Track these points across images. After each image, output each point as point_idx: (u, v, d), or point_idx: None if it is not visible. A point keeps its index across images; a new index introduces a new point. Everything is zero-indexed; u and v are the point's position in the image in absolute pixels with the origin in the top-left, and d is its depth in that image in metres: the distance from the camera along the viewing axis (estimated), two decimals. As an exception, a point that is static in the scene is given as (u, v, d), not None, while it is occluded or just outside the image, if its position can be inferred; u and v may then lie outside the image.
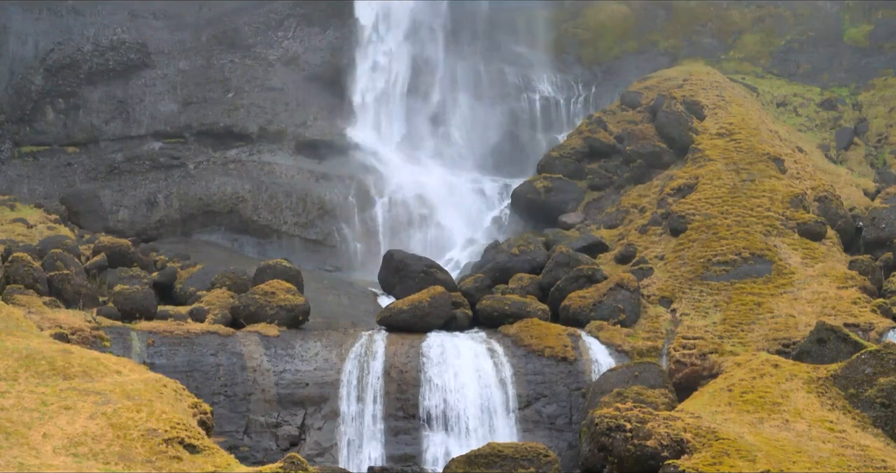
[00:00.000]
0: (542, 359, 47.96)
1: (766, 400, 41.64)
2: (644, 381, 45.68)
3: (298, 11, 73.09)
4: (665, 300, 52.44)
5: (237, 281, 51.68)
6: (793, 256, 53.73)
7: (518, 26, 78.71)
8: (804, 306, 50.46)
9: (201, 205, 67.10)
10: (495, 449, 39.89)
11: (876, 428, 40.59)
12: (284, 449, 45.09)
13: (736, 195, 57.33)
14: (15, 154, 67.91)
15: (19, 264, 48.06)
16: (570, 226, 62.10)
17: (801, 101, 73.95)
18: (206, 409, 37.04)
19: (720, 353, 48.08)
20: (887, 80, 74.46)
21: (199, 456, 32.60)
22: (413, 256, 55.49)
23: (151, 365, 44.43)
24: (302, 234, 67.14)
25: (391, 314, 49.83)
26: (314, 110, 71.14)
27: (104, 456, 31.38)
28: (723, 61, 77.28)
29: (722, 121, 63.61)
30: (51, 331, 43.24)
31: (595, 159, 66.34)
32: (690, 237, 55.48)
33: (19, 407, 32.89)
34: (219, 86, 70.71)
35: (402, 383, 46.88)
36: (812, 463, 37.70)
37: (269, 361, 46.93)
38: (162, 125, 69.53)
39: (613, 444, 38.57)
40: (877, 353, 42.08)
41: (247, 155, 69.22)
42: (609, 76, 77.78)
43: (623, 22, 79.74)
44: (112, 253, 53.53)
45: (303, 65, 72.28)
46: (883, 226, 55.89)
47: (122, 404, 33.85)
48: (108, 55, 69.80)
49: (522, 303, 50.89)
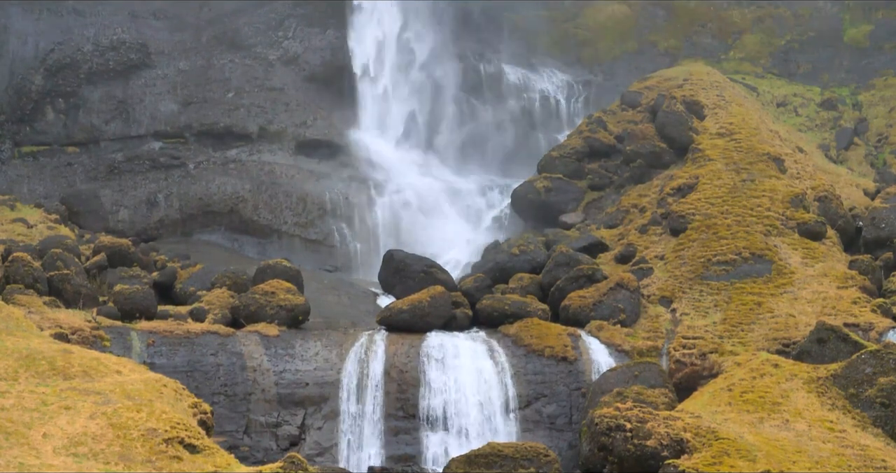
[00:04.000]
0: (542, 359, 47.94)
1: (766, 400, 41.64)
2: (644, 381, 45.67)
3: (298, 11, 73.07)
4: (665, 300, 52.42)
5: (237, 281, 51.66)
6: (793, 256, 53.72)
7: (518, 26, 78.71)
8: (804, 306, 50.44)
9: (201, 205, 67.08)
10: (495, 449, 39.90)
11: (876, 428, 40.59)
12: (284, 449, 45.07)
13: (736, 195, 57.30)
14: (15, 154, 67.90)
15: (19, 264, 48.04)
16: (570, 225, 62.09)
17: (801, 101, 73.96)
18: (206, 409, 37.02)
19: (720, 353, 48.07)
20: (887, 80, 74.47)
21: (200, 456, 32.60)
22: (413, 256, 55.45)
23: (151, 364, 44.39)
24: (302, 234, 67.11)
25: (391, 314, 49.80)
26: (314, 110, 71.10)
27: (104, 456, 31.37)
28: (723, 61, 77.29)
29: (722, 121, 63.59)
30: (51, 331, 43.21)
31: (595, 159, 66.32)
32: (690, 237, 55.47)
33: (19, 407, 32.87)
34: (219, 86, 70.69)
35: (402, 383, 46.86)
36: (812, 463, 37.70)
37: (269, 361, 46.91)
38: (162, 125, 69.51)
39: (613, 444, 38.57)
40: (877, 353, 42.08)
41: (247, 155, 69.20)
42: (609, 76, 77.80)
43: (623, 22, 79.75)
44: (112, 253, 53.50)
45: (303, 65, 72.26)
46: (883, 226, 55.86)
47: (122, 404, 33.85)
48: (109, 55, 69.78)
49: (522, 303, 50.87)
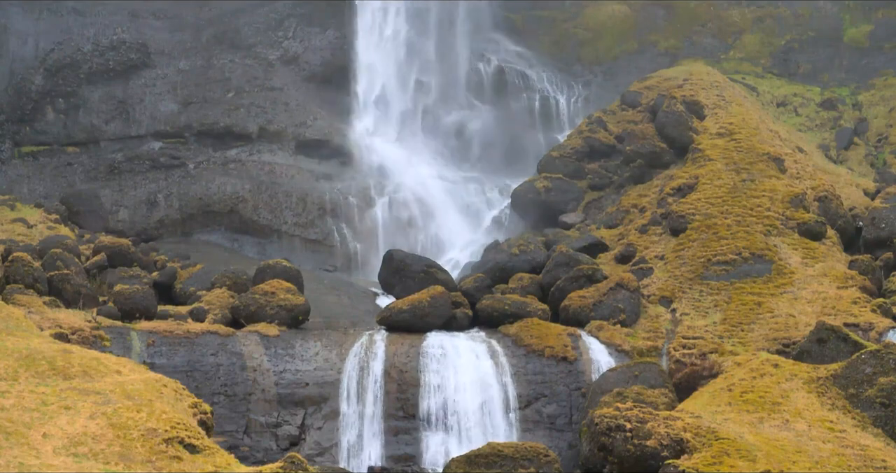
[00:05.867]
0: (542, 359, 47.93)
1: (766, 400, 41.64)
2: (644, 381, 45.67)
3: (298, 11, 73.09)
4: (665, 300, 52.41)
5: (237, 281, 51.66)
6: (793, 256, 53.71)
7: (518, 26, 78.69)
8: (804, 306, 50.44)
9: (201, 205, 67.09)
10: (495, 449, 39.91)
11: (876, 428, 40.60)
12: (284, 449, 45.07)
13: (736, 195, 57.29)
14: (15, 154, 67.91)
15: (19, 264, 48.04)
16: (570, 225, 62.09)
17: (801, 101, 73.93)
18: (206, 409, 37.02)
19: (720, 353, 48.06)
20: (887, 80, 74.43)
21: (199, 456, 32.60)
22: (413, 256, 55.43)
23: (151, 364, 44.38)
24: (302, 234, 67.10)
25: (391, 314, 49.80)
26: (314, 110, 71.10)
27: (104, 456, 31.37)
28: (723, 61, 77.25)
29: (722, 121, 63.57)
30: (51, 331, 43.22)
31: (595, 159, 66.31)
32: (690, 237, 55.46)
33: (19, 407, 32.87)
34: (219, 86, 70.70)
35: (402, 383, 46.85)
36: (812, 463, 37.71)
37: (269, 361, 46.91)
38: (162, 125, 69.53)
39: (613, 444, 38.57)
40: (877, 353, 42.08)
41: (247, 155, 69.20)
42: (609, 76, 77.76)
43: (623, 22, 79.73)
44: (112, 253, 53.51)
45: (303, 65, 72.28)
46: (883, 226, 55.85)
47: (122, 404, 33.85)
48: (109, 55, 69.80)
49: (522, 303, 50.86)
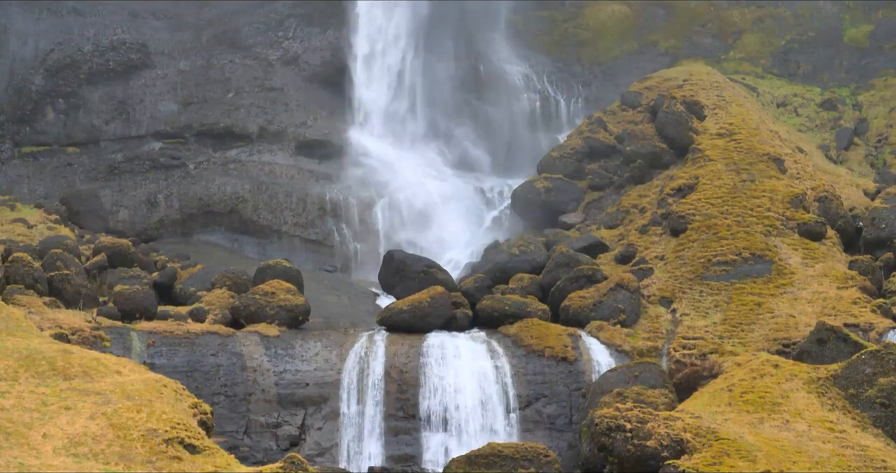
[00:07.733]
0: (542, 359, 47.93)
1: (767, 400, 41.64)
2: (644, 381, 45.66)
3: (298, 11, 73.11)
4: (665, 300, 52.41)
5: (237, 282, 51.66)
6: (793, 256, 53.71)
7: (518, 26, 78.69)
8: (804, 306, 50.44)
9: (201, 205, 67.12)
10: (495, 449, 39.93)
11: (876, 428, 40.60)
12: (284, 449, 45.08)
13: (736, 195, 57.29)
14: (15, 154, 67.93)
15: (19, 264, 48.05)
16: (570, 226, 62.09)
17: (801, 102, 73.91)
18: (206, 409, 37.03)
19: (720, 353, 48.06)
20: (887, 80, 74.42)
21: (200, 456, 32.61)
22: (413, 256, 55.43)
23: (151, 365, 44.41)
24: (302, 234, 67.12)
25: (391, 314, 49.81)
26: (314, 110, 71.13)
27: (104, 457, 31.38)
28: (723, 61, 77.23)
29: (722, 122, 63.56)
30: (51, 331, 43.22)
31: (595, 159, 66.32)
32: (690, 237, 55.45)
33: (19, 407, 32.88)
34: (219, 87, 70.72)
35: (402, 383, 46.86)
36: (812, 463, 37.71)
37: (269, 361, 46.92)
38: (162, 125, 69.56)
39: (613, 444, 38.58)
40: (877, 353, 42.09)
41: (247, 155, 69.22)
42: (609, 76, 77.73)
43: (623, 22, 79.71)
44: (112, 254, 53.50)
45: (303, 65, 72.29)
46: (883, 226, 55.84)
47: (122, 404, 33.85)
48: (109, 55, 69.83)
49: (522, 303, 50.86)
